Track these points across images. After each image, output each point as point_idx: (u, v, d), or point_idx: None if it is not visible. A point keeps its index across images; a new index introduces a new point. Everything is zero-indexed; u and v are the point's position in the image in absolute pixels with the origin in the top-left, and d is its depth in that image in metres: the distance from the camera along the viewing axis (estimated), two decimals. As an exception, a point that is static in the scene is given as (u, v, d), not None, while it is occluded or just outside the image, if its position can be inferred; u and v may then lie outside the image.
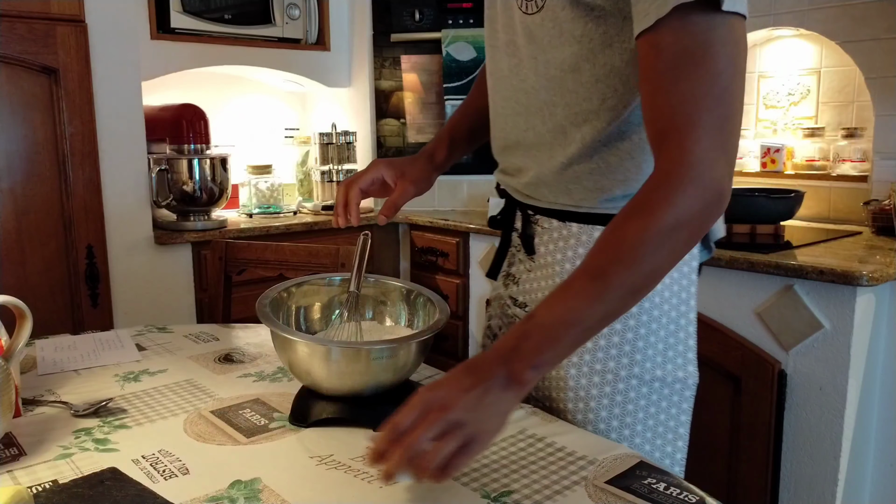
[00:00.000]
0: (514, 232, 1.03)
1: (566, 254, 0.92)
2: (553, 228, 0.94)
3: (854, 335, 1.57)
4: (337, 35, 2.88)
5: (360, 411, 0.89)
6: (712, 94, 0.68)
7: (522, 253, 1.00)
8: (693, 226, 0.70)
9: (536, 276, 0.98)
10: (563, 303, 0.71)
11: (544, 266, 0.96)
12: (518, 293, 1.01)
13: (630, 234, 0.69)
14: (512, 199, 1.02)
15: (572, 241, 0.92)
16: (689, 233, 0.70)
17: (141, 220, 2.25)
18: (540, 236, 0.96)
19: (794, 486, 1.70)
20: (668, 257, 0.71)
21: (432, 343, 0.94)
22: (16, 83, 1.95)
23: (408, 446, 0.64)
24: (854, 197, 2.18)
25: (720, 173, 0.69)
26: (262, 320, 0.91)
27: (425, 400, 0.67)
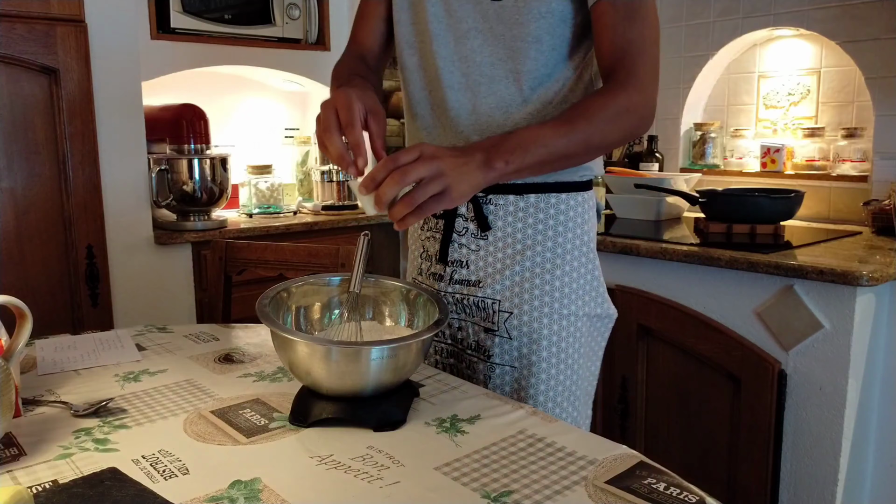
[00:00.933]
0: (458, 218, 1.11)
1: (526, 221, 1.07)
2: (509, 203, 1.08)
3: (854, 335, 1.57)
4: (337, 35, 2.88)
5: (360, 411, 0.89)
6: (652, 37, 0.99)
7: (467, 237, 1.10)
8: (635, 117, 0.97)
9: (490, 252, 1.09)
10: (539, 129, 0.93)
11: (500, 239, 1.08)
12: (469, 274, 1.11)
13: (596, 103, 0.95)
14: None
15: (531, 210, 1.07)
16: (631, 122, 0.97)
17: (141, 220, 2.25)
18: (495, 213, 1.08)
19: (794, 486, 1.70)
20: (614, 131, 0.96)
21: (432, 343, 0.94)
22: (16, 83, 1.95)
23: (400, 177, 0.82)
24: (854, 197, 2.18)
25: (654, 92, 0.98)
26: (262, 320, 0.91)
27: (422, 147, 0.84)
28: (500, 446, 0.84)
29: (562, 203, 1.08)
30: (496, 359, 1.10)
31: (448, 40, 1.07)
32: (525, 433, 0.88)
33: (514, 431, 0.88)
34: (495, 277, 1.09)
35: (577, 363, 1.10)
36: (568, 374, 1.09)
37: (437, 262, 1.14)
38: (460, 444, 0.85)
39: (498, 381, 1.10)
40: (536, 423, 0.91)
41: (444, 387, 1.04)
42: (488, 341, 1.11)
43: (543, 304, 1.07)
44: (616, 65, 0.98)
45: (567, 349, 1.08)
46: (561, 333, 1.08)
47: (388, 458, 0.81)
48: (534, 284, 1.07)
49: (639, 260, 1.91)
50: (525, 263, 1.08)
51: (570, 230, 1.08)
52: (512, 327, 1.08)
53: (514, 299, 1.08)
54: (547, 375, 1.08)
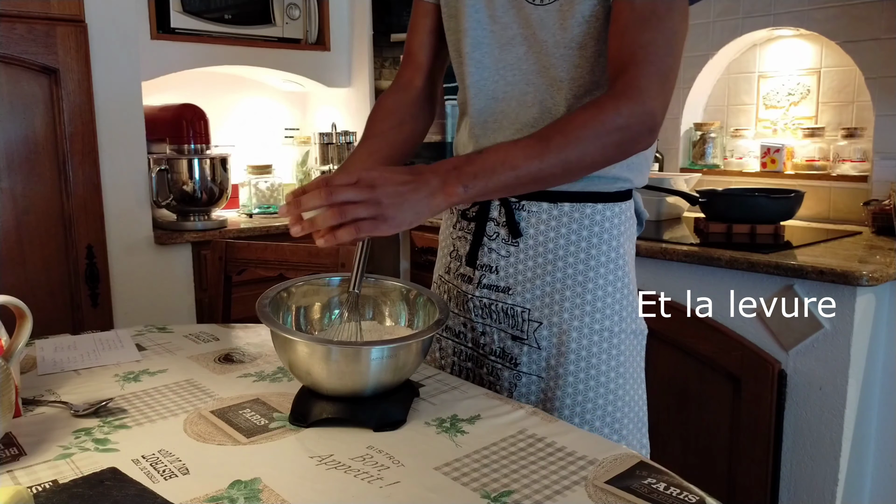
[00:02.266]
0: (490, 222, 1.08)
1: (559, 231, 1.03)
2: (542, 211, 1.04)
3: (854, 335, 1.57)
4: (337, 35, 2.88)
5: (360, 411, 0.89)
6: (667, 45, 0.89)
7: (498, 241, 1.07)
8: (626, 133, 0.88)
9: (521, 259, 1.05)
10: (508, 150, 0.86)
11: (532, 248, 1.05)
12: (499, 280, 1.07)
13: (578, 120, 0.87)
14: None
15: (564, 219, 1.03)
16: (621, 138, 0.88)
17: (141, 220, 2.25)
18: (527, 220, 1.05)
19: (794, 486, 1.70)
20: (599, 150, 0.88)
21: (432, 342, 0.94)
22: (16, 83, 1.95)
23: (327, 195, 0.78)
24: (854, 197, 2.18)
25: (657, 104, 0.88)
26: (262, 320, 0.91)
27: (362, 174, 0.80)
28: (500, 446, 0.84)
29: (597, 214, 1.03)
30: (524, 367, 1.07)
31: (492, 48, 1.04)
32: (525, 433, 0.88)
33: (514, 431, 0.88)
34: (526, 286, 1.05)
35: (611, 381, 1.03)
36: (600, 391, 1.03)
37: (465, 264, 1.11)
38: (460, 444, 0.85)
39: (524, 390, 1.07)
40: (536, 423, 0.91)
41: (444, 387, 1.04)
42: (516, 349, 1.07)
43: (573, 318, 1.03)
44: (618, 72, 0.90)
45: (598, 365, 1.03)
46: (591, 349, 1.03)
47: (388, 458, 0.81)
48: (564, 297, 1.03)
49: (639, 260, 1.90)
50: (556, 274, 1.04)
51: (604, 242, 1.04)
52: (542, 337, 1.05)
53: (545, 309, 1.04)
54: (574, 390, 1.03)
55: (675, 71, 0.91)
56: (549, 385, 1.05)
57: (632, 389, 1.06)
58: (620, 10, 0.91)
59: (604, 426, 1.03)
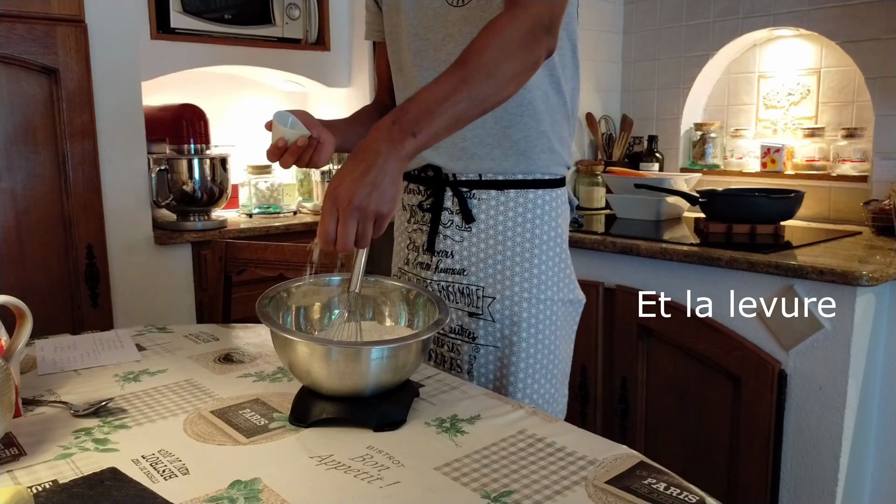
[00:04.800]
0: (444, 211, 1.19)
1: (507, 215, 1.16)
2: (491, 198, 1.16)
3: (854, 335, 1.57)
4: (337, 35, 2.88)
5: (360, 411, 0.89)
6: None
7: (452, 228, 1.18)
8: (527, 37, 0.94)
9: (473, 243, 1.18)
10: (436, 85, 0.89)
11: (483, 231, 1.17)
12: (454, 263, 1.19)
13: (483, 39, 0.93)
14: (439, 184, 1.19)
15: (511, 204, 1.16)
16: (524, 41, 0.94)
17: (141, 220, 2.25)
18: (478, 206, 1.17)
19: (794, 486, 1.70)
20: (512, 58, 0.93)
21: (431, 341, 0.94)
22: (16, 83, 1.95)
23: (342, 244, 0.83)
24: (854, 197, 2.18)
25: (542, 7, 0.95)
26: (262, 320, 0.91)
27: (334, 200, 0.83)
28: (500, 446, 0.84)
29: (538, 198, 1.17)
30: (480, 340, 1.19)
31: (430, 51, 1.16)
32: (525, 433, 0.88)
33: (514, 431, 0.88)
34: (479, 266, 1.18)
35: (553, 344, 1.19)
36: (546, 353, 1.18)
37: (424, 252, 1.22)
38: (460, 444, 0.85)
39: (482, 361, 1.19)
40: (536, 423, 0.91)
41: (444, 387, 1.04)
42: (472, 324, 1.19)
43: (523, 290, 1.16)
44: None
45: (544, 331, 1.17)
46: (539, 316, 1.17)
47: (388, 458, 0.81)
48: (514, 272, 1.16)
49: (639, 260, 1.91)
50: (506, 253, 1.16)
51: (545, 223, 1.18)
52: (495, 311, 1.17)
53: (497, 285, 1.17)
54: (526, 354, 1.16)
55: None
56: (504, 353, 1.17)
57: (564, 349, 1.22)
58: None
59: (546, 381, 1.18)
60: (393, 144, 0.84)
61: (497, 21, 0.95)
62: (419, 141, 0.86)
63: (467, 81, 0.89)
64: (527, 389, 1.17)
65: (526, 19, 0.95)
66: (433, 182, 1.21)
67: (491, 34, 0.94)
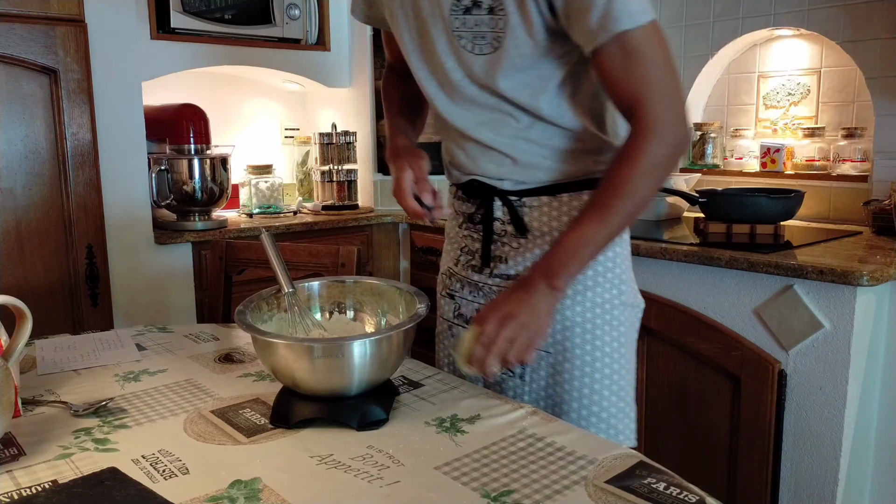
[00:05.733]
0: (495, 222, 1.15)
1: (561, 220, 1.11)
2: (543, 204, 1.11)
3: (854, 335, 1.57)
4: (337, 35, 2.88)
5: (343, 411, 0.89)
6: (659, 69, 0.95)
7: (507, 237, 1.14)
8: (664, 164, 0.97)
9: (528, 248, 1.13)
10: (579, 229, 0.98)
11: (538, 237, 1.12)
12: (508, 268, 1.14)
13: (621, 175, 0.97)
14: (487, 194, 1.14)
15: (564, 208, 1.11)
16: (663, 169, 0.98)
17: (141, 220, 2.25)
18: (530, 215, 1.12)
19: (794, 486, 1.70)
20: (650, 188, 0.99)
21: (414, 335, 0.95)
22: (16, 83, 1.95)
23: (497, 348, 0.93)
24: (854, 197, 2.18)
25: (677, 126, 0.97)
26: (241, 328, 0.92)
27: (497, 315, 0.94)
28: (499, 446, 0.84)
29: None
30: None
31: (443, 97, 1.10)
32: (525, 433, 0.88)
33: (513, 431, 0.88)
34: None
35: (614, 350, 1.11)
36: (606, 361, 1.10)
37: (479, 257, 1.19)
38: (460, 444, 0.85)
39: (534, 366, 1.13)
40: (536, 423, 0.91)
41: (444, 386, 1.04)
42: None
43: (576, 293, 1.10)
44: (630, 115, 0.97)
45: (602, 336, 1.10)
46: (595, 321, 1.11)
47: (388, 458, 0.81)
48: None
49: (639, 260, 1.91)
50: None
51: None
52: None
53: None
54: (581, 362, 1.10)
55: (679, 83, 0.98)
56: (556, 359, 1.11)
57: (629, 359, 1.14)
58: (600, 63, 0.96)
59: (611, 394, 1.10)
60: (549, 282, 0.97)
61: (636, 152, 0.95)
62: (571, 275, 0.99)
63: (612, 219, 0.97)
64: (583, 399, 1.10)
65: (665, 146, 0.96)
66: (481, 192, 1.15)
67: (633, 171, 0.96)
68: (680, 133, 0.97)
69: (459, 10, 1.00)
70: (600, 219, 0.97)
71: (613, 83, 0.97)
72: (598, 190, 0.99)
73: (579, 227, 0.98)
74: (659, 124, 0.95)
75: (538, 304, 0.96)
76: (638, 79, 0.94)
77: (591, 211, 0.98)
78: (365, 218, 2.71)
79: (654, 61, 0.95)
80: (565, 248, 0.98)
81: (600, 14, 0.90)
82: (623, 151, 0.98)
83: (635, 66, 0.94)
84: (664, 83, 0.96)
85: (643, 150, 0.95)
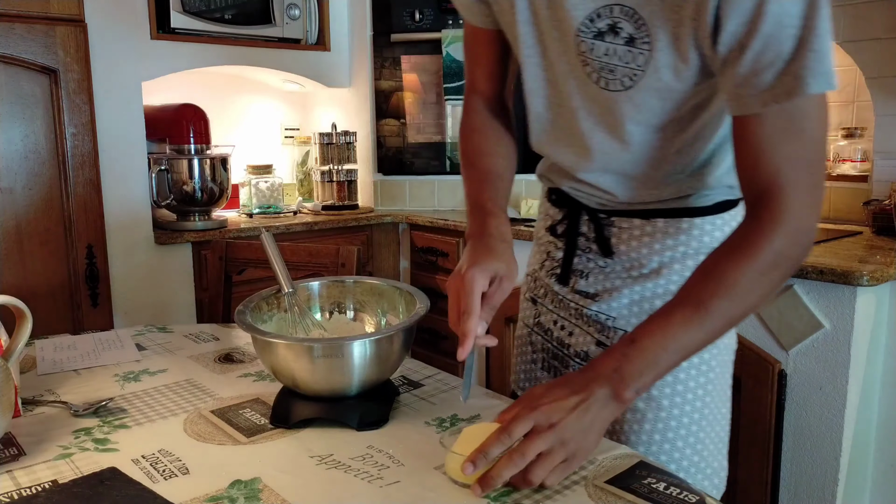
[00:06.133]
0: (580, 237, 1.03)
1: (653, 248, 0.97)
2: (634, 227, 0.98)
3: (854, 335, 1.57)
4: (337, 35, 2.88)
5: (342, 410, 0.89)
6: (810, 159, 0.77)
7: (591, 253, 1.02)
8: (787, 266, 0.79)
9: (615, 271, 0.99)
10: (664, 329, 0.77)
11: (625, 262, 0.99)
12: (587, 286, 1.02)
13: (732, 270, 0.77)
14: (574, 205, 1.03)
15: (658, 235, 0.97)
16: (783, 273, 0.79)
17: (141, 220, 2.25)
18: (618, 236, 0.99)
19: (794, 486, 1.70)
20: (764, 293, 0.79)
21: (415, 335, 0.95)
22: (16, 83, 1.95)
23: (520, 459, 0.72)
24: (854, 197, 2.18)
25: (812, 224, 0.79)
26: (243, 329, 0.92)
27: (536, 416, 0.73)
28: (500, 446, 0.84)
29: (694, 228, 0.96)
30: None
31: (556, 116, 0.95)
32: (525, 433, 0.88)
33: (514, 431, 0.88)
34: (613, 294, 0.99)
35: (698, 399, 0.96)
36: (686, 409, 0.95)
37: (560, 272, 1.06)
38: (460, 444, 0.85)
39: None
40: (536, 423, 0.90)
41: (444, 386, 1.04)
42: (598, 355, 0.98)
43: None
44: (761, 195, 0.77)
45: (686, 381, 0.95)
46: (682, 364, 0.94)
47: (388, 458, 0.81)
48: (653, 307, 0.96)
49: (639, 260, 1.91)
50: (647, 284, 0.97)
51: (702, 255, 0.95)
52: None
53: (632, 319, 0.98)
54: (657, 405, 0.95)
55: (824, 175, 0.80)
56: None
57: (717, 408, 0.98)
58: (748, 122, 0.77)
59: (686, 446, 0.96)
60: (613, 393, 0.76)
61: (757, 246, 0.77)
62: (644, 387, 0.78)
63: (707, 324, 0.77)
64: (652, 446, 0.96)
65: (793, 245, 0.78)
66: (568, 203, 1.04)
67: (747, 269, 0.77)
68: (812, 234, 0.79)
69: (590, 32, 0.82)
70: (694, 320, 0.77)
71: (755, 154, 0.77)
72: (696, 279, 0.80)
73: (666, 325, 0.78)
74: (792, 219, 0.76)
75: (592, 419, 0.75)
76: (785, 157, 0.76)
77: (684, 307, 0.78)
78: (365, 218, 2.71)
79: (812, 140, 0.76)
80: (643, 351, 0.77)
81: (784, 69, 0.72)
82: (738, 239, 0.79)
83: (788, 141, 0.75)
84: (813, 169, 0.77)
85: (766, 243, 0.76)
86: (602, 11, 0.81)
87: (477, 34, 1.02)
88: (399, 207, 2.91)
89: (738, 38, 0.73)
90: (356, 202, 2.89)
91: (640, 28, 0.79)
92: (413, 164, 2.89)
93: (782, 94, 0.73)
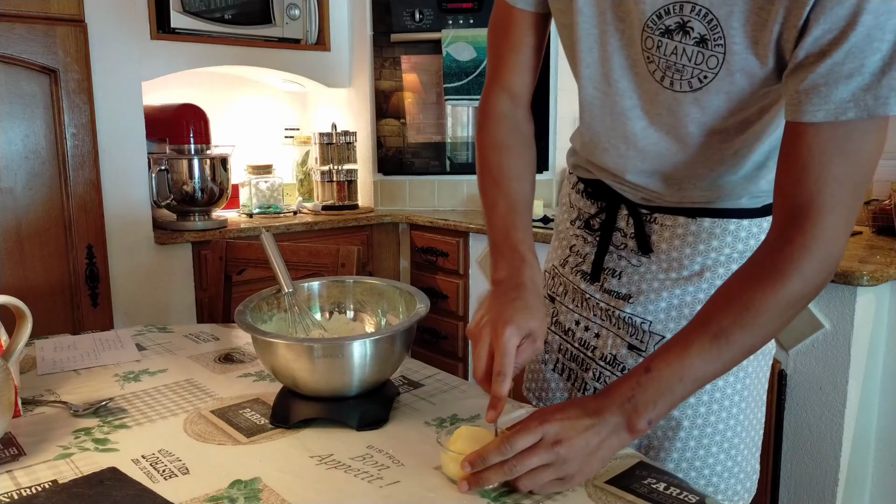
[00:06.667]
0: (617, 232, 0.99)
1: (696, 248, 0.93)
2: (678, 225, 0.94)
3: (854, 335, 1.57)
4: (337, 35, 2.88)
5: (343, 410, 0.89)
6: (856, 181, 0.72)
7: (626, 251, 0.98)
8: (810, 297, 0.75)
9: (651, 271, 0.96)
10: (682, 359, 0.74)
11: (664, 261, 0.95)
12: (620, 286, 0.98)
13: (756, 299, 0.73)
14: (613, 198, 0.99)
15: (703, 235, 0.93)
16: (805, 304, 0.76)
17: (141, 220, 2.25)
18: (659, 234, 0.95)
19: (794, 486, 1.70)
20: (784, 324, 0.76)
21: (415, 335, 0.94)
22: (16, 83, 1.95)
23: (514, 464, 0.72)
24: (854, 197, 2.18)
25: (841, 252, 0.75)
26: (243, 329, 0.92)
27: (545, 429, 0.73)
28: (500, 446, 0.84)
29: (742, 230, 0.93)
30: None
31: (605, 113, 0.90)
32: (525, 433, 0.88)
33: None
34: (650, 297, 0.95)
35: (734, 405, 0.94)
36: (722, 416, 0.93)
37: (590, 272, 1.01)
38: (460, 444, 0.85)
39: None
40: (536, 423, 0.90)
41: (444, 386, 1.04)
42: (630, 359, 0.96)
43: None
44: (798, 212, 0.73)
45: (724, 388, 0.93)
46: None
47: (388, 458, 0.81)
48: (693, 311, 0.92)
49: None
50: (688, 288, 0.93)
51: (743, 257, 0.92)
52: None
53: (670, 323, 0.94)
54: (693, 412, 0.93)
55: (863, 199, 0.76)
56: None
57: (753, 413, 0.96)
58: (799, 133, 0.72)
59: (720, 451, 0.94)
60: (626, 422, 0.74)
61: (784, 273, 0.73)
62: (658, 418, 0.75)
63: (726, 354, 0.74)
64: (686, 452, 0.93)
65: (821, 272, 0.74)
66: (608, 196, 0.99)
67: (773, 298, 0.73)
68: (838, 263, 0.75)
69: (657, 29, 0.78)
70: (713, 350, 0.74)
71: (801, 166, 0.72)
72: (718, 304, 0.76)
73: (683, 354, 0.74)
74: (823, 244, 0.72)
75: (599, 444, 0.73)
76: (833, 176, 0.71)
77: (703, 336, 0.75)
78: (365, 218, 2.71)
79: (865, 162, 0.72)
80: (658, 380, 0.74)
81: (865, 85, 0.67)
82: (765, 260, 0.75)
83: (840, 160, 0.71)
84: (857, 193, 0.72)
85: (794, 270, 0.73)
86: (671, 7, 0.76)
87: (515, 17, 0.94)
88: (399, 207, 2.91)
89: (821, 45, 0.68)
90: (356, 202, 2.89)
91: (713, 29, 0.75)
92: (413, 164, 2.89)
93: (858, 110, 0.68)
